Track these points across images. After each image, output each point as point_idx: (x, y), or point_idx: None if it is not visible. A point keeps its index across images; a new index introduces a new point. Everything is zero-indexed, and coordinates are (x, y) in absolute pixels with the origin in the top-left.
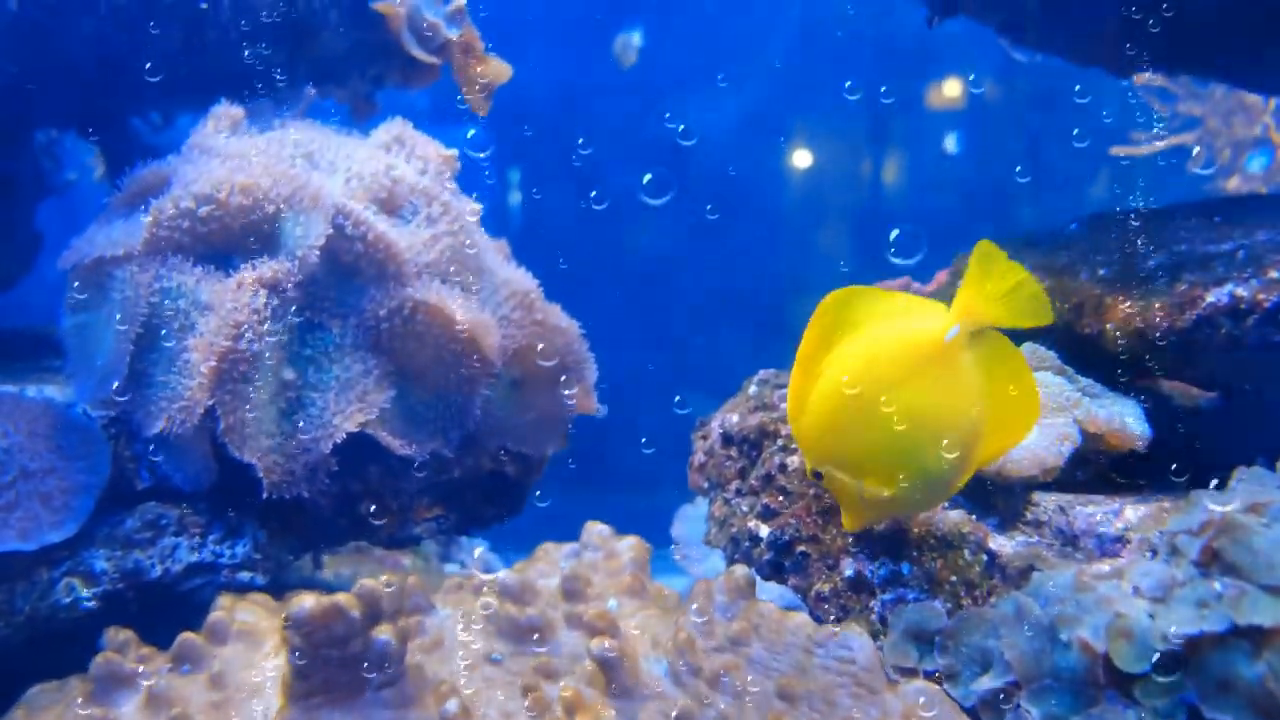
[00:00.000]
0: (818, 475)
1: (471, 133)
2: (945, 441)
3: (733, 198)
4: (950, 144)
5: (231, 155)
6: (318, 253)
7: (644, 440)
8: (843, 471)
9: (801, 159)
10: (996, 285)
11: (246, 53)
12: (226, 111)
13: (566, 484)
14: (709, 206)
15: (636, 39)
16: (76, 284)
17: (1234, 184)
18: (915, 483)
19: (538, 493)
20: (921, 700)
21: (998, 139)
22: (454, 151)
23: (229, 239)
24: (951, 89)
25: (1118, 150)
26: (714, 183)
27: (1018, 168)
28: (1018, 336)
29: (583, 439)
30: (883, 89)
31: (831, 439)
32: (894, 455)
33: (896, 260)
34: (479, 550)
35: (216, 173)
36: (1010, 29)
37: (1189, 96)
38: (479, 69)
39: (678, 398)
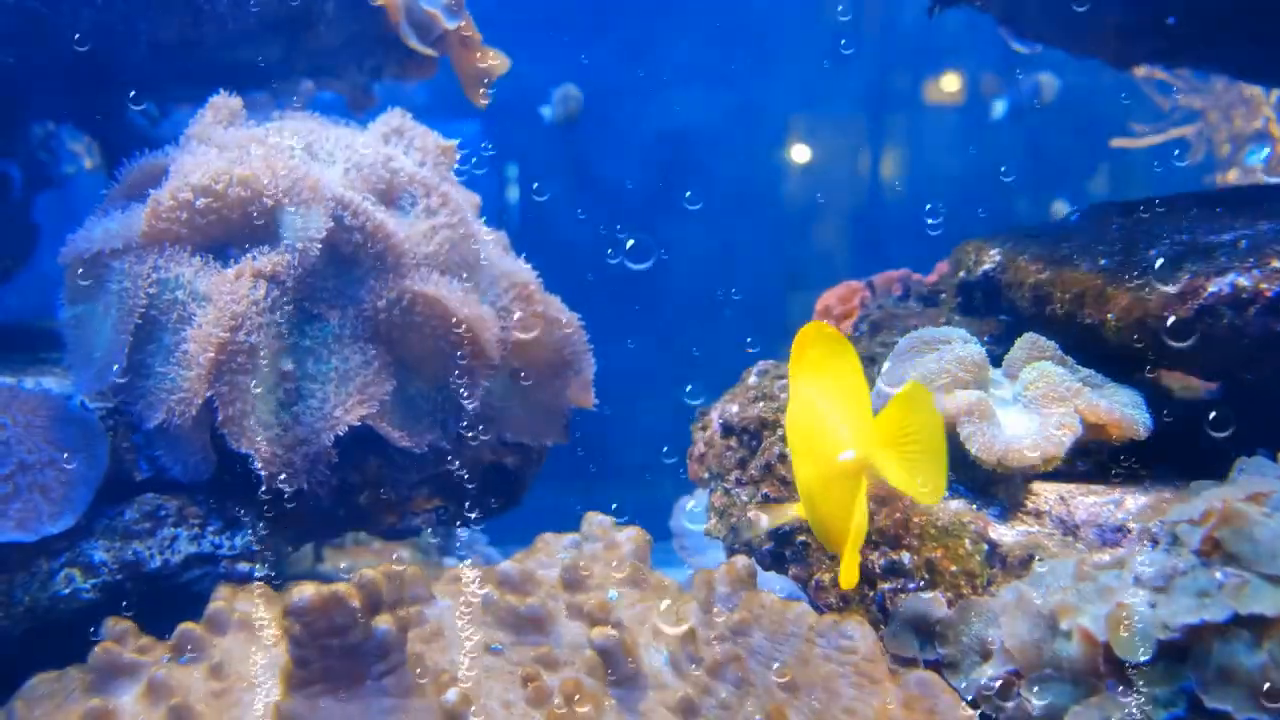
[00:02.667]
0: None
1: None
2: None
3: (732, 191)
4: (999, 109)
5: (230, 146)
6: (318, 245)
7: (644, 434)
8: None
9: (800, 153)
10: (902, 438)
11: (243, 45)
12: (225, 102)
13: (566, 478)
14: (688, 194)
15: (575, 90)
16: (74, 276)
17: (1233, 177)
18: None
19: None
20: (922, 690)
21: (998, 131)
22: (454, 142)
23: (227, 230)
24: (951, 81)
25: (1118, 142)
26: (714, 177)
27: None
28: (1019, 326)
29: (581, 433)
30: (883, 82)
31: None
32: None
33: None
34: (464, 534)
35: (215, 164)
36: (1010, 19)
37: (1189, 89)
38: (477, 61)
39: (689, 387)
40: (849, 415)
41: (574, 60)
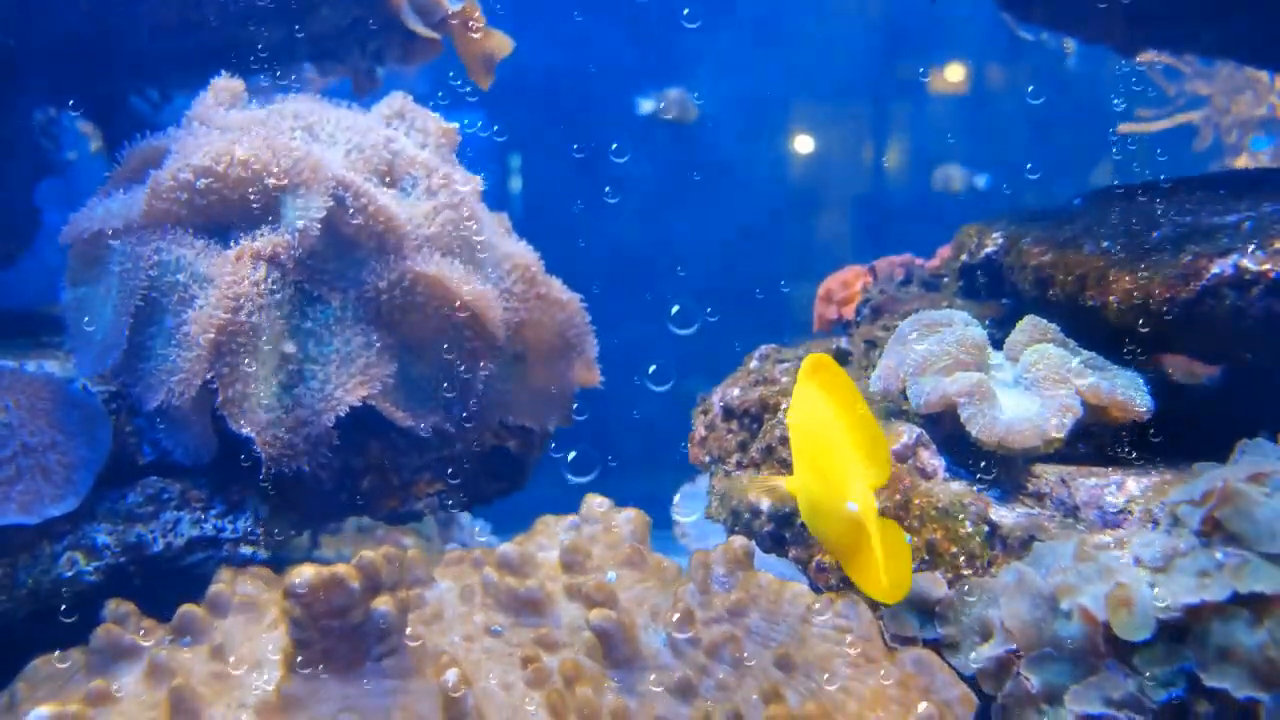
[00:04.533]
0: None
1: None
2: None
3: (735, 178)
4: (1070, 47)
5: (231, 128)
6: (318, 226)
7: (645, 421)
8: None
9: (803, 140)
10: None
11: (245, 27)
12: (227, 84)
13: (567, 466)
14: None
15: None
16: (76, 258)
17: (1240, 163)
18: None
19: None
20: (918, 669)
21: (1000, 118)
22: (455, 125)
23: (228, 211)
24: (955, 70)
25: (1125, 128)
26: (717, 164)
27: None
28: (1021, 309)
29: (580, 422)
30: (887, 71)
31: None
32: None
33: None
34: (465, 519)
35: (216, 145)
36: (1014, 6)
37: (1195, 75)
38: (480, 43)
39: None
40: (857, 457)
41: (578, 45)
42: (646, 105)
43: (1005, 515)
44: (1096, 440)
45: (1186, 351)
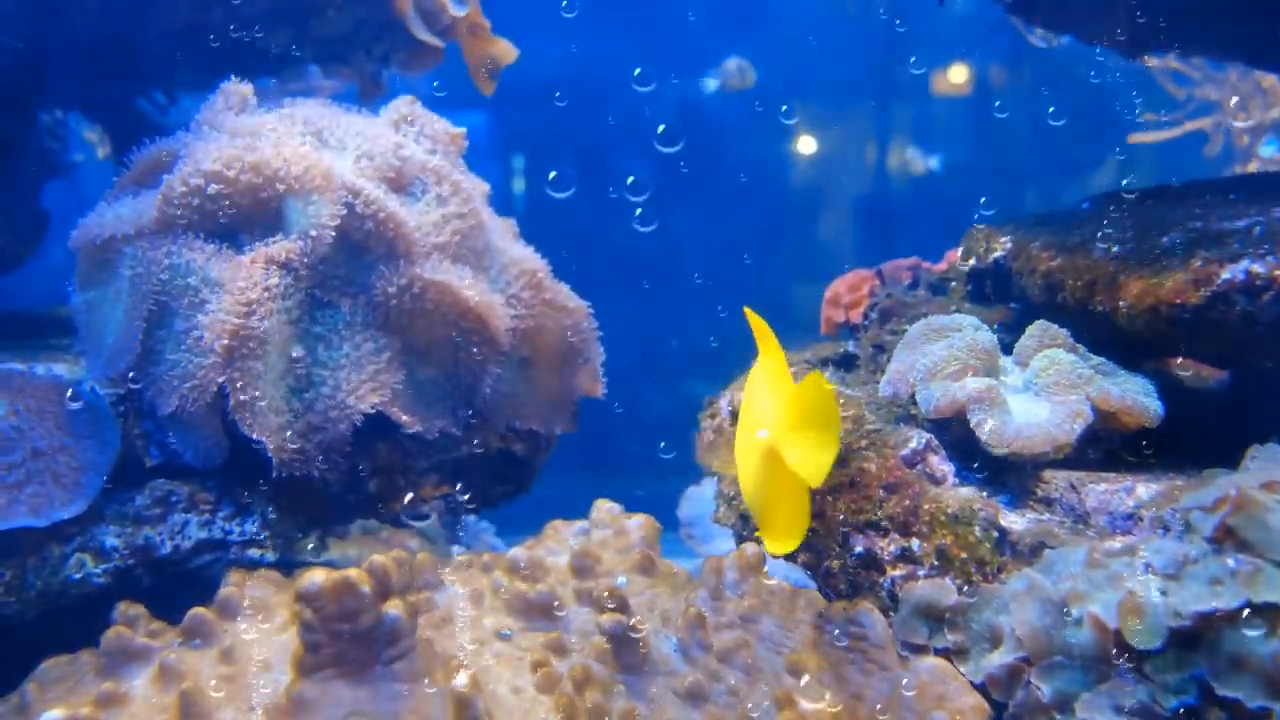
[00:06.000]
0: None
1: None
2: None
3: (738, 180)
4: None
5: (241, 133)
6: (331, 233)
7: (652, 424)
8: None
9: (807, 142)
10: (804, 423)
11: (252, 30)
12: (236, 88)
13: (571, 469)
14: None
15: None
16: (86, 262)
17: (1253, 169)
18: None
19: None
20: (932, 677)
21: (1009, 119)
22: (463, 130)
23: (239, 217)
24: (959, 71)
25: (1135, 137)
26: (719, 165)
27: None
28: (1030, 314)
29: (586, 423)
30: (892, 69)
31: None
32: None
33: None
34: (471, 522)
35: (227, 150)
36: (1021, 8)
37: (1205, 80)
38: (485, 49)
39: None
40: (772, 396)
41: (579, 45)
42: (710, 84)
43: (1015, 521)
44: (1106, 445)
45: (1196, 356)
